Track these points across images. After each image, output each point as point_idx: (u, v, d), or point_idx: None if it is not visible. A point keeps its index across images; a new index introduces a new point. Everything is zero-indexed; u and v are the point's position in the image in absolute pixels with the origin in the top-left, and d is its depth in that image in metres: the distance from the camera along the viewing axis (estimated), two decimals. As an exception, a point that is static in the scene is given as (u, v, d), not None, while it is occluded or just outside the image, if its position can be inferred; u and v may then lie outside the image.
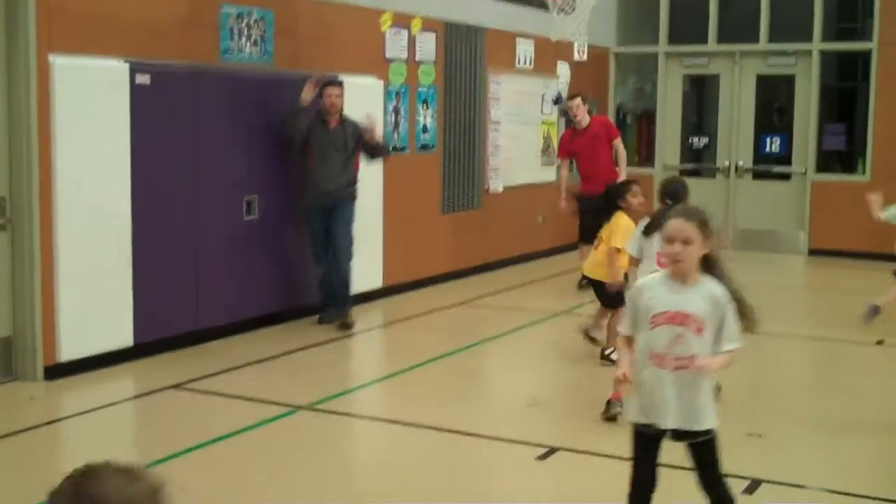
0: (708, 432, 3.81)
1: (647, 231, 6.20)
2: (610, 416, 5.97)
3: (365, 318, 8.94)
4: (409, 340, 8.51)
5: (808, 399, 6.85)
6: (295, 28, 8.67)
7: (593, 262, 7.30)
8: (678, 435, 3.79)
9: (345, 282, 8.46)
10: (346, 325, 8.42)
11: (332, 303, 8.53)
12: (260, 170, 8.19)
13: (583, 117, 10.50)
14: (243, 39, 8.16)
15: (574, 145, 10.57)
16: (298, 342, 7.93)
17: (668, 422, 3.77)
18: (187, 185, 7.58)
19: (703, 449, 3.82)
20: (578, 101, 10.53)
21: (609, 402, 6.01)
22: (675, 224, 3.74)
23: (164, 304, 7.40)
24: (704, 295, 3.72)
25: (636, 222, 6.67)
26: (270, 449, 5.60)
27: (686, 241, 3.70)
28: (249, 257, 8.20)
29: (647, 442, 3.86)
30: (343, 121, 8.43)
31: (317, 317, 8.54)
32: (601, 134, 10.53)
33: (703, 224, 3.74)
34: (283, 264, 8.52)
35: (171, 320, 7.51)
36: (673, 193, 6.25)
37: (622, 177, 10.05)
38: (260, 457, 5.44)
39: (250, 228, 8.15)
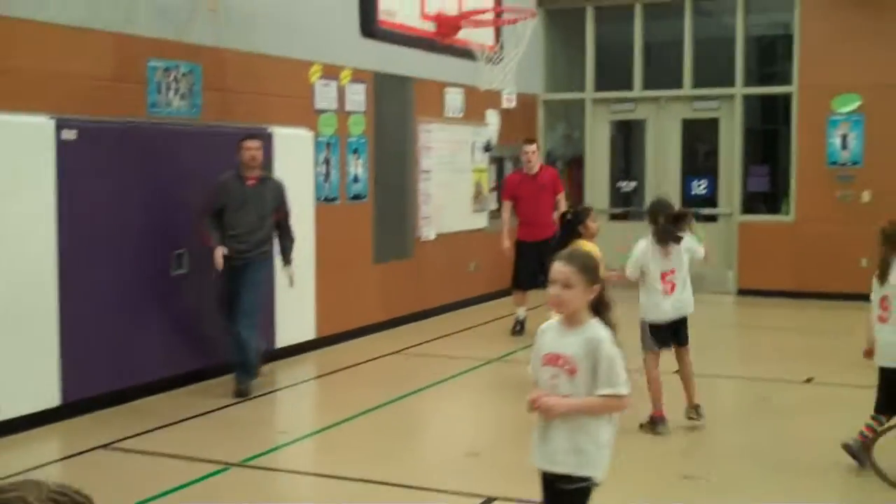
0: (580, 480, 3.65)
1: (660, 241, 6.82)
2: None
3: (298, 370, 8.87)
4: (344, 392, 8.44)
5: (743, 439, 6.92)
6: (223, 81, 8.65)
7: None
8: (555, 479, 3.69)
9: (245, 347, 7.87)
10: (240, 392, 7.81)
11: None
12: (190, 223, 8.10)
13: (535, 163, 10.58)
14: (171, 93, 8.11)
15: (520, 189, 10.59)
16: (231, 397, 7.81)
17: (536, 461, 3.75)
18: (115, 240, 7.47)
19: (565, 497, 3.68)
20: (534, 146, 10.65)
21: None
22: (555, 267, 3.70)
23: (91, 363, 7.26)
24: (582, 337, 3.66)
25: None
26: (204, 508, 5.49)
27: (566, 285, 3.65)
28: (179, 312, 8.09)
29: (544, 486, 3.79)
30: (264, 179, 8.03)
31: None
32: (548, 185, 10.62)
33: (584, 268, 3.68)
34: (214, 318, 8.39)
35: (100, 378, 7.36)
36: (664, 211, 6.94)
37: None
38: (193, 517, 5.33)
39: (179, 282, 8.06)
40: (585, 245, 7.25)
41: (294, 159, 9.17)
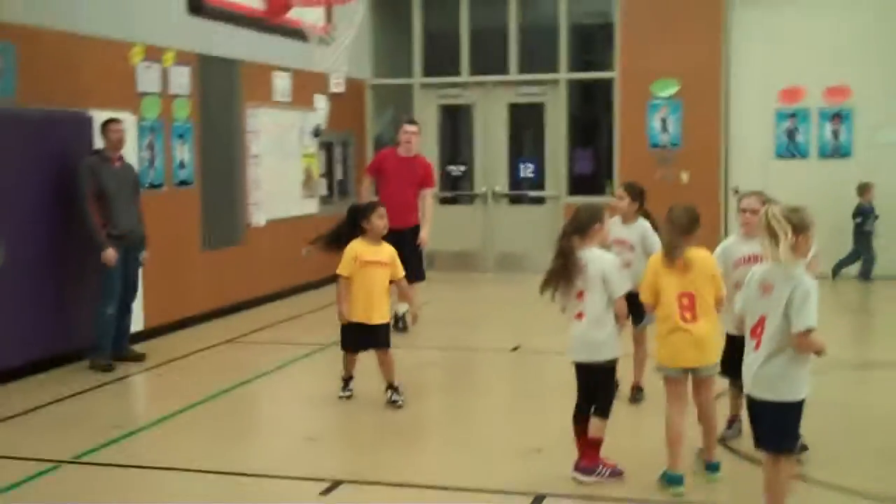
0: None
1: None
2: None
3: (127, 363, 8.55)
4: (178, 382, 8.19)
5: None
6: (39, 62, 8.22)
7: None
8: None
9: (130, 321, 8.69)
10: (138, 357, 8.60)
11: (117, 345, 8.50)
12: (5, 211, 7.68)
13: (414, 146, 9.90)
14: (-18, 73, 7.68)
15: (388, 166, 9.80)
16: (59, 391, 7.47)
17: None
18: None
19: None
20: (416, 127, 9.98)
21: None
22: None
23: None
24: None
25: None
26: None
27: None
28: (-2, 306, 7.67)
29: None
30: (125, 162, 8.51)
31: (87, 362, 8.27)
32: (420, 174, 9.87)
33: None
34: (40, 309, 8.00)
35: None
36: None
37: (425, 231, 9.79)
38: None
39: (-4, 273, 7.64)
40: (361, 245, 7.09)
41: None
